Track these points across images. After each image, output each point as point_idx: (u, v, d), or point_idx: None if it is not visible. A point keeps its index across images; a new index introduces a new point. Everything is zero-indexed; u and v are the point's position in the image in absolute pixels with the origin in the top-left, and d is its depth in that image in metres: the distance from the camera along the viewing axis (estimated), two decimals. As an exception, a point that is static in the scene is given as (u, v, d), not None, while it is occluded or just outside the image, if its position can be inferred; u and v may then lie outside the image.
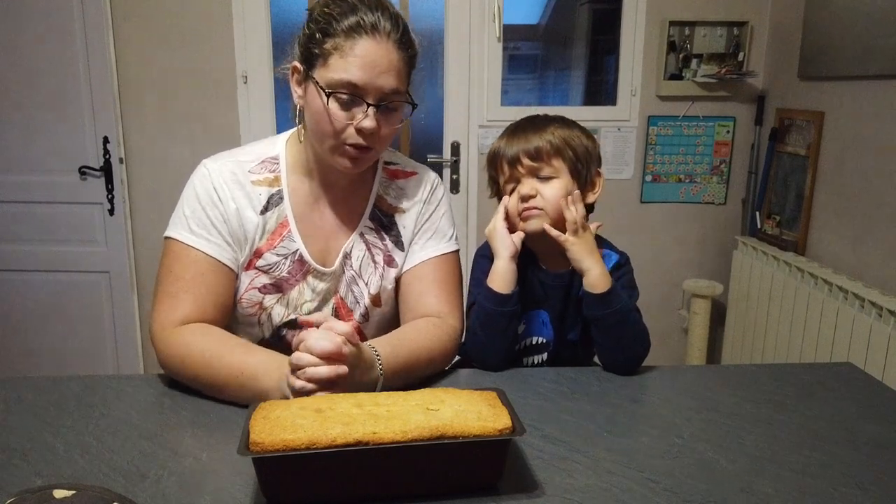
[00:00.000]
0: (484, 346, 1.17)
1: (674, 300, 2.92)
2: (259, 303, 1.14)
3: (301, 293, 1.16)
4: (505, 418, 0.78)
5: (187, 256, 1.09)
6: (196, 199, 1.11)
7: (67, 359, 2.78)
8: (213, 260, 1.09)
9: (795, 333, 2.26)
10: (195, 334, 1.05)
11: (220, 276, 1.10)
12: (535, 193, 1.18)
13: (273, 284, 1.14)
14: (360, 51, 1.02)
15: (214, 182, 1.11)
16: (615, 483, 0.82)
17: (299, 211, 1.16)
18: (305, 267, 1.15)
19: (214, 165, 1.12)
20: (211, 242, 1.09)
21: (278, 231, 1.14)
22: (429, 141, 2.83)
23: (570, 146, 1.19)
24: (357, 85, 1.02)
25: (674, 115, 2.76)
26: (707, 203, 2.86)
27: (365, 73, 1.02)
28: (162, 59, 2.59)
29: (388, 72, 1.04)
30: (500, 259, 1.17)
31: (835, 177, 2.29)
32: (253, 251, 1.13)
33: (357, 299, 1.19)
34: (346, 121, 1.05)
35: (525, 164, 1.18)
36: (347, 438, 0.73)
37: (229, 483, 0.80)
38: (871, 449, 0.91)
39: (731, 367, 1.23)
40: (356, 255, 1.18)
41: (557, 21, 2.86)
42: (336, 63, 1.02)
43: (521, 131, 1.21)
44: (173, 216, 1.12)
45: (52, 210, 2.67)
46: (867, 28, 2.08)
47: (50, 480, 0.80)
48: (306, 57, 1.07)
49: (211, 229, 1.10)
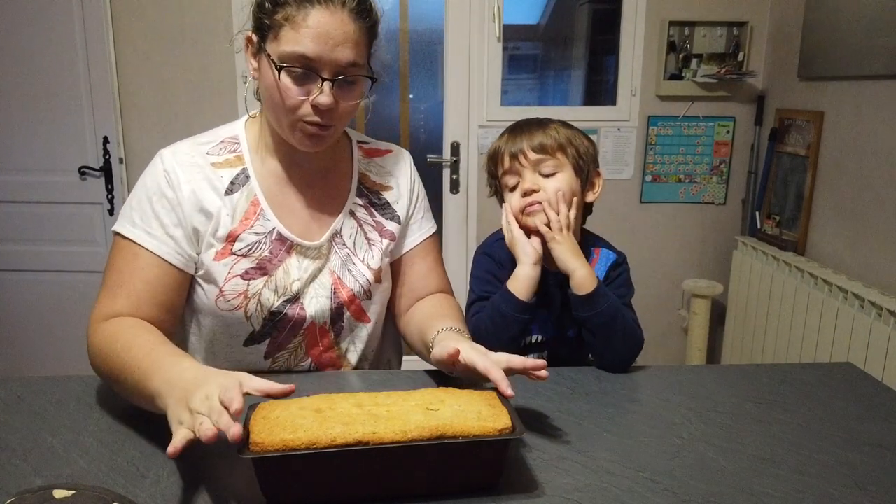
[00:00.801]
0: (490, 348, 1.15)
1: (673, 300, 2.92)
2: (244, 292, 1.06)
3: (287, 272, 1.09)
4: (504, 418, 0.78)
5: (128, 251, 1.03)
6: (143, 191, 1.06)
7: (67, 359, 2.77)
8: (152, 255, 1.03)
9: (795, 333, 2.26)
10: (118, 326, 0.98)
11: (159, 272, 1.03)
12: (538, 188, 1.18)
13: (256, 268, 1.07)
14: (313, 21, 0.95)
15: (167, 167, 1.05)
16: (615, 483, 0.82)
17: (269, 190, 1.10)
18: (287, 244, 1.09)
19: (168, 152, 1.08)
20: (152, 237, 1.03)
21: (251, 210, 1.08)
22: (428, 141, 2.83)
23: (572, 143, 1.20)
24: (310, 58, 0.96)
25: (674, 116, 2.76)
26: (707, 203, 2.86)
27: (318, 45, 0.95)
28: (162, 60, 2.59)
29: (344, 43, 0.97)
30: (524, 266, 1.16)
31: (834, 177, 2.29)
32: (226, 236, 1.06)
33: (357, 278, 1.13)
34: (300, 96, 0.98)
35: (529, 156, 1.18)
36: (347, 438, 0.73)
37: (229, 483, 0.80)
38: (870, 449, 0.91)
39: (731, 367, 1.23)
40: (347, 232, 1.14)
41: (557, 21, 2.86)
42: (287, 35, 0.96)
43: (523, 129, 1.22)
44: (123, 208, 1.07)
45: (52, 210, 2.67)
46: (867, 28, 2.09)
47: (50, 480, 0.80)
48: (258, 27, 1.00)
49: (153, 222, 1.04)
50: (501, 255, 1.23)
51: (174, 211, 1.04)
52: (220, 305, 1.07)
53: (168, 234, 1.04)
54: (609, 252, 1.27)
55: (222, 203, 1.06)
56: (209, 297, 1.07)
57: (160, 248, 1.03)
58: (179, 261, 1.05)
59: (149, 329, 0.98)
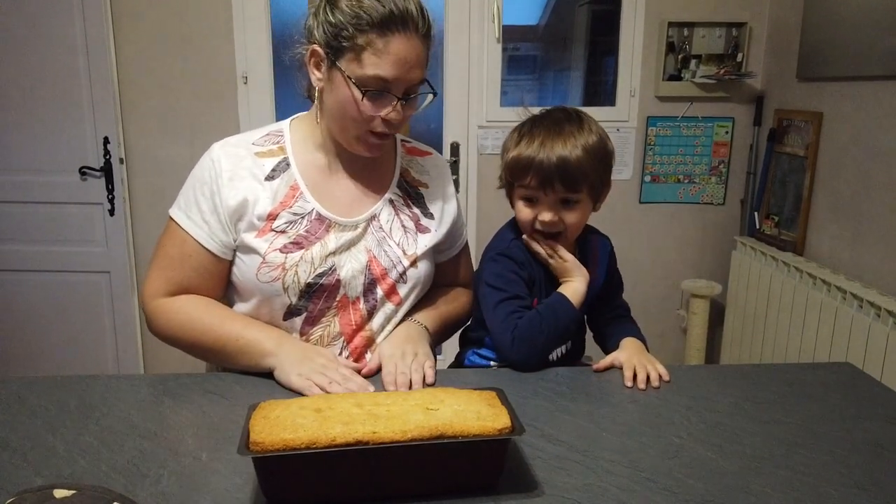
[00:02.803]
0: (541, 350, 1.17)
1: (672, 300, 2.92)
2: (282, 264, 1.12)
3: (324, 246, 1.14)
4: (504, 418, 0.78)
5: (177, 236, 1.15)
6: (192, 178, 1.17)
7: (67, 359, 2.78)
8: (198, 244, 1.13)
9: (794, 333, 2.26)
10: (192, 302, 1.14)
11: (203, 259, 1.14)
12: (557, 221, 1.17)
13: (293, 243, 1.13)
14: (394, 48, 1.04)
15: (213, 157, 1.15)
16: (614, 483, 0.82)
17: (310, 178, 1.18)
18: (326, 222, 1.16)
19: (218, 143, 1.18)
20: (197, 226, 1.14)
21: (290, 193, 1.16)
22: (428, 141, 2.80)
23: (596, 171, 1.16)
24: (388, 81, 1.06)
25: (673, 116, 2.76)
26: (706, 203, 2.86)
27: (397, 69, 1.05)
28: (162, 60, 2.59)
29: (417, 66, 1.08)
30: (581, 281, 1.20)
31: (833, 177, 2.30)
32: (266, 215, 1.13)
33: (391, 258, 1.19)
34: (373, 113, 1.08)
35: (556, 189, 1.14)
36: (347, 438, 0.73)
37: (229, 483, 0.80)
38: (869, 449, 0.91)
39: (730, 367, 1.23)
40: (385, 218, 1.21)
41: (557, 22, 2.86)
42: (369, 59, 1.04)
43: (551, 145, 1.14)
44: (179, 194, 1.18)
45: (53, 210, 2.67)
46: (866, 28, 2.09)
47: (50, 480, 0.80)
48: (332, 45, 1.07)
49: (193, 208, 1.14)
50: (520, 256, 1.22)
51: (211, 199, 1.13)
52: (260, 277, 1.13)
53: (204, 220, 1.14)
54: (602, 240, 1.32)
55: (262, 188, 1.14)
56: (251, 269, 1.14)
57: (196, 232, 1.14)
58: (213, 245, 1.14)
59: (218, 304, 1.17)
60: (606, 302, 1.31)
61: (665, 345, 2.93)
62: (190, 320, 1.13)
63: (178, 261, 1.14)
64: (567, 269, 1.20)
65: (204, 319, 1.13)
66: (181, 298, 1.15)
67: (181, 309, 1.14)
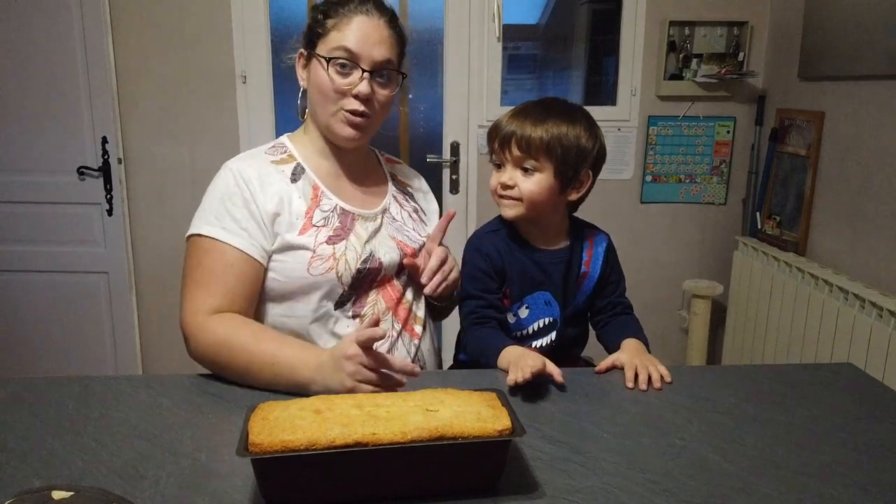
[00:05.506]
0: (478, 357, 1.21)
1: (674, 301, 2.92)
2: (332, 255, 1.18)
3: (359, 237, 1.22)
4: (504, 419, 0.78)
5: (215, 249, 1.15)
6: (214, 195, 1.18)
7: (66, 359, 2.77)
8: (240, 252, 1.15)
9: (796, 334, 2.26)
10: (231, 323, 1.11)
11: (246, 266, 1.15)
12: (514, 184, 1.20)
13: (335, 235, 1.21)
14: (355, 25, 1.18)
15: (234, 169, 1.19)
16: (615, 484, 0.82)
17: (324, 180, 1.25)
18: (350, 216, 1.24)
19: (231, 160, 1.23)
20: (237, 235, 1.15)
21: (314, 192, 1.23)
22: (428, 141, 2.83)
23: (561, 145, 1.18)
24: (352, 51, 1.16)
25: (674, 116, 2.76)
26: (707, 203, 2.86)
27: (359, 41, 1.17)
28: (161, 59, 2.59)
29: (380, 43, 1.19)
30: (528, 360, 1.06)
31: (835, 177, 2.29)
32: (304, 213, 1.19)
33: (413, 239, 1.30)
34: (342, 83, 1.17)
35: (513, 152, 1.20)
36: (346, 439, 0.73)
37: (228, 484, 0.80)
38: (871, 449, 0.91)
39: (732, 368, 1.23)
40: (394, 210, 1.32)
41: (557, 21, 2.86)
42: (334, 35, 1.18)
43: (523, 116, 1.21)
44: (197, 215, 1.19)
45: (51, 210, 2.66)
46: (867, 28, 2.08)
47: (49, 481, 0.80)
48: (310, 39, 1.21)
49: (232, 222, 1.15)
50: (489, 249, 1.24)
51: (246, 206, 1.16)
52: (312, 271, 1.17)
53: (241, 228, 1.16)
54: (599, 236, 1.32)
55: (291, 189, 1.21)
56: (301, 264, 1.17)
57: (237, 241, 1.15)
58: (255, 251, 1.16)
59: (256, 323, 1.15)
60: (605, 297, 1.32)
61: (666, 345, 2.92)
62: (228, 342, 1.08)
63: (220, 273, 1.13)
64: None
65: (241, 341, 1.08)
66: (222, 318, 1.11)
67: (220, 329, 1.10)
